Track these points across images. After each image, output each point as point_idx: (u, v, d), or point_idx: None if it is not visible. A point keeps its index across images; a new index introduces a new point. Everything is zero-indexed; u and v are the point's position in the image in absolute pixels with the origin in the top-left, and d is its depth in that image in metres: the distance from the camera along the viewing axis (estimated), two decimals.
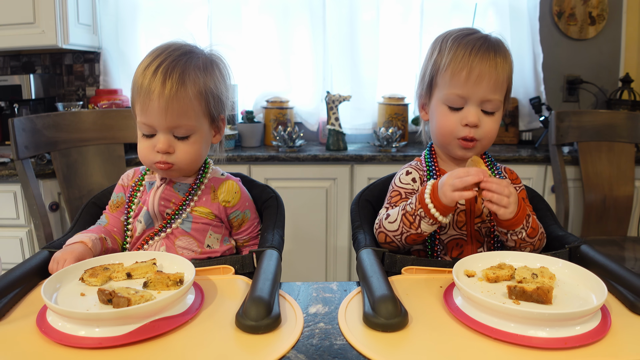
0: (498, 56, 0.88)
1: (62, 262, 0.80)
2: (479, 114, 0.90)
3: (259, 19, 2.35)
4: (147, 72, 0.86)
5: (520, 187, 0.99)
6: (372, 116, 2.42)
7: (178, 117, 0.86)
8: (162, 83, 0.84)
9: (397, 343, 0.61)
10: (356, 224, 0.98)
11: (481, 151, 0.96)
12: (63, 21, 2.06)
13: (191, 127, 0.89)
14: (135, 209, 0.97)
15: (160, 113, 0.85)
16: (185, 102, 0.86)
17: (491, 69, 0.87)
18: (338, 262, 2.15)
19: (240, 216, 0.99)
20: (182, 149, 0.89)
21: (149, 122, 0.87)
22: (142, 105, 0.86)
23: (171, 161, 0.89)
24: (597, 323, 0.62)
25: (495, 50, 0.89)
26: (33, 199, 1.63)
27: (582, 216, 2.07)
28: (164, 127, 0.87)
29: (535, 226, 0.89)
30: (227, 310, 0.69)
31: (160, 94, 0.84)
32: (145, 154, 0.90)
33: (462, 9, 2.35)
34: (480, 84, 0.88)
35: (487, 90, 0.88)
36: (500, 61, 0.88)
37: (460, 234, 0.94)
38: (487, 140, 0.92)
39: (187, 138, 0.89)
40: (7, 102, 2.22)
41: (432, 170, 0.97)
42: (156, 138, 0.88)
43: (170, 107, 0.85)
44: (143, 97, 0.85)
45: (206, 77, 0.89)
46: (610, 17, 2.41)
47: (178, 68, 0.86)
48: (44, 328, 0.62)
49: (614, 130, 2.06)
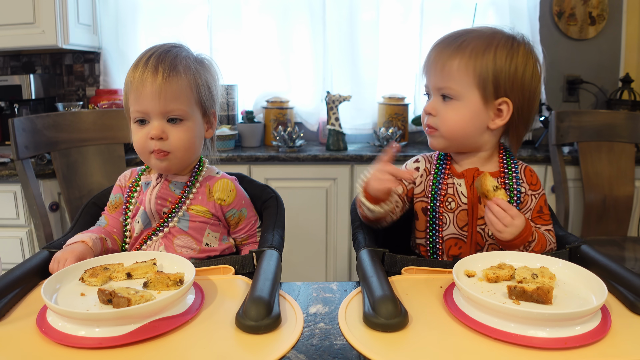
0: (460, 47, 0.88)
1: (62, 261, 0.80)
2: (435, 102, 0.92)
3: (259, 19, 2.35)
4: (139, 65, 0.89)
5: (540, 194, 0.94)
6: (372, 116, 2.42)
7: (171, 101, 0.89)
8: (154, 68, 0.88)
9: (397, 343, 0.61)
10: (356, 224, 0.98)
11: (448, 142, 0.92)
12: (63, 21, 2.06)
13: (184, 112, 0.91)
14: (132, 209, 0.97)
15: (153, 97, 0.87)
16: (178, 87, 0.89)
17: (443, 57, 0.89)
18: (338, 262, 2.15)
19: (236, 214, 1.00)
20: (176, 134, 0.90)
21: (143, 108, 0.89)
22: (136, 94, 0.88)
23: (166, 149, 0.90)
24: (597, 323, 0.62)
25: (457, 41, 0.89)
26: (33, 199, 1.63)
27: (582, 216, 2.07)
28: (157, 111, 0.89)
29: (540, 246, 0.87)
30: (227, 310, 0.69)
31: (154, 79, 0.87)
32: (140, 144, 0.91)
33: (462, 9, 2.34)
34: (431, 72, 0.91)
35: (439, 78, 0.90)
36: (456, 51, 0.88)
37: (460, 234, 0.94)
38: (445, 129, 0.90)
39: (180, 123, 0.91)
40: (7, 102, 2.22)
41: (442, 170, 0.96)
42: (150, 125, 0.90)
43: (163, 90, 0.87)
44: (137, 85, 0.88)
45: (197, 66, 0.93)
46: (610, 17, 2.41)
47: (170, 56, 0.90)
48: (44, 328, 0.62)
49: (614, 130, 2.06)
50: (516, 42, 0.89)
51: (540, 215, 0.93)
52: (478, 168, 0.93)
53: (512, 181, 0.93)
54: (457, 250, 0.94)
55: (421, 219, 0.97)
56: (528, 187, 0.94)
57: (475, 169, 0.93)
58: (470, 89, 0.89)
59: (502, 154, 0.96)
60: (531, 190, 0.94)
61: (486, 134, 0.92)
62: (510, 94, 0.89)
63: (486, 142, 0.93)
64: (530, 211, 0.93)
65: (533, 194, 0.94)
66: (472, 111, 0.89)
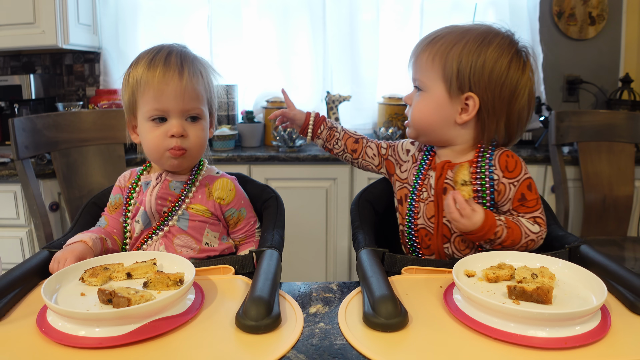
0: (432, 41, 0.92)
1: (62, 261, 0.80)
2: (412, 93, 0.97)
3: (259, 20, 2.35)
4: (155, 63, 0.89)
5: (520, 181, 0.90)
6: (372, 116, 2.42)
7: (192, 100, 0.91)
8: (180, 67, 0.89)
9: (397, 343, 0.61)
10: (356, 224, 0.98)
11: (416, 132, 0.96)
12: (63, 21, 2.06)
13: (201, 111, 0.93)
14: (132, 209, 0.97)
15: (177, 96, 0.89)
16: (198, 87, 0.91)
17: (418, 50, 0.94)
18: (338, 262, 2.15)
19: (235, 214, 1.00)
20: (195, 132, 0.92)
21: (164, 106, 0.89)
22: (157, 92, 0.88)
23: (185, 146, 0.91)
24: (597, 323, 0.62)
25: (433, 35, 0.93)
26: (33, 199, 1.63)
27: (582, 216, 2.07)
28: (180, 109, 0.90)
29: (511, 242, 0.87)
30: (227, 310, 0.69)
31: (180, 77, 0.88)
32: (156, 142, 0.91)
33: (462, 9, 2.35)
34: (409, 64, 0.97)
35: (413, 70, 0.95)
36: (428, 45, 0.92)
37: (428, 225, 0.95)
38: (412, 118, 0.95)
39: (198, 121, 0.93)
40: (7, 102, 2.22)
41: (425, 161, 0.98)
42: (169, 123, 0.90)
43: (188, 89, 0.89)
44: (157, 84, 0.88)
45: (206, 69, 0.96)
46: (610, 17, 2.41)
47: (189, 56, 0.93)
48: (44, 328, 0.62)
49: (613, 130, 2.06)
50: (489, 38, 0.88)
51: (522, 203, 0.90)
52: (450, 161, 0.94)
53: (484, 169, 0.91)
54: (427, 242, 0.96)
55: (404, 205, 1.00)
56: (502, 174, 0.90)
57: (447, 161, 0.94)
58: (435, 82, 0.91)
59: (481, 148, 0.93)
60: (507, 177, 0.90)
61: (456, 129, 0.92)
62: (476, 90, 0.88)
63: (457, 137, 0.93)
64: (510, 201, 0.90)
65: (511, 182, 0.90)
66: (436, 103, 0.91)
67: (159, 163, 0.96)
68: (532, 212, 0.91)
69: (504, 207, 0.92)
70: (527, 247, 0.89)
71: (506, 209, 0.92)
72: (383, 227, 1.07)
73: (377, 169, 1.07)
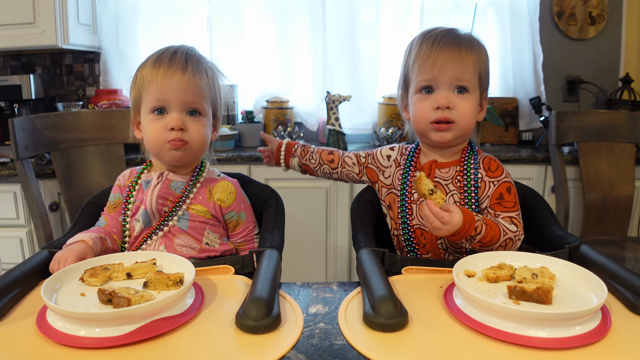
0: (462, 45, 0.93)
1: (63, 261, 0.80)
2: (450, 95, 0.93)
3: (259, 20, 2.35)
4: (161, 61, 0.91)
5: (500, 181, 0.94)
6: (372, 116, 2.42)
7: (194, 94, 0.91)
8: (184, 63, 0.91)
9: (397, 343, 0.61)
10: (356, 224, 0.98)
11: (460, 135, 0.95)
12: (63, 21, 2.06)
13: (202, 107, 0.94)
14: (132, 208, 0.97)
15: (179, 89, 0.90)
16: (202, 84, 0.93)
17: (454, 56, 0.92)
18: (338, 262, 2.15)
19: (235, 217, 1.00)
20: (195, 127, 0.93)
21: (164, 96, 0.90)
22: (160, 85, 0.90)
23: (186, 139, 0.92)
24: (597, 323, 0.62)
25: (458, 39, 0.94)
26: (33, 199, 1.63)
27: (582, 216, 2.07)
28: (180, 101, 0.91)
29: (491, 238, 0.87)
30: (227, 310, 0.69)
31: (183, 72, 0.90)
32: (156, 135, 0.92)
33: (462, 9, 2.34)
34: (445, 70, 0.92)
35: (455, 73, 0.92)
36: (465, 49, 0.93)
37: (422, 224, 0.97)
38: (463, 122, 0.94)
39: (198, 117, 0.94)
40: (7, 102, 2.22)
41: (410, 163, 1.01)
42: (169, 116, 0.91)
43: (191, 84, 0.90)
44: (161, 78, 0.90)
45: (214, 71, 0.97)
46: (610, 17, 2.41)
47: (195, 55, 0.94)
48: (44, 328, 0.62)
49: (614, 130, 2.06)
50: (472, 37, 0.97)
51: (500, 202, 0.94)
52: (437, 160, 0.98)
53: (469, 168, 0.96)
54: (423, 241, 0.97)
55: (395, 210, 1.01)
56: (485, 174, 0.96)
57: (434, 161, 0.98)
58: (475, 83, 0.95)
59: (467, 147, 1.00)
60: (488, 176, 0.96)
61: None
62: (486, 89, 0.98)
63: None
64: (488, 198, 0.94)
65: (491, 180, 0.95)
66: (476, 104, 0.97)
67: (159, 157, 0.96)
68: (509, 212, 0.93)
69: (482, 204, 0.95)
70: (506, 246, 0.89)
71: (484, 205, 0.94)
72: (383, 227, 1.07)
73: (359, 177, 1.09)
